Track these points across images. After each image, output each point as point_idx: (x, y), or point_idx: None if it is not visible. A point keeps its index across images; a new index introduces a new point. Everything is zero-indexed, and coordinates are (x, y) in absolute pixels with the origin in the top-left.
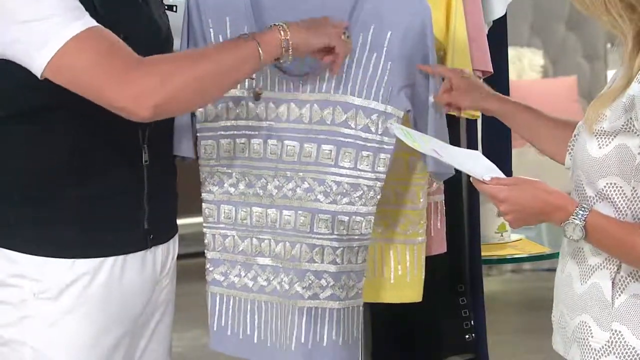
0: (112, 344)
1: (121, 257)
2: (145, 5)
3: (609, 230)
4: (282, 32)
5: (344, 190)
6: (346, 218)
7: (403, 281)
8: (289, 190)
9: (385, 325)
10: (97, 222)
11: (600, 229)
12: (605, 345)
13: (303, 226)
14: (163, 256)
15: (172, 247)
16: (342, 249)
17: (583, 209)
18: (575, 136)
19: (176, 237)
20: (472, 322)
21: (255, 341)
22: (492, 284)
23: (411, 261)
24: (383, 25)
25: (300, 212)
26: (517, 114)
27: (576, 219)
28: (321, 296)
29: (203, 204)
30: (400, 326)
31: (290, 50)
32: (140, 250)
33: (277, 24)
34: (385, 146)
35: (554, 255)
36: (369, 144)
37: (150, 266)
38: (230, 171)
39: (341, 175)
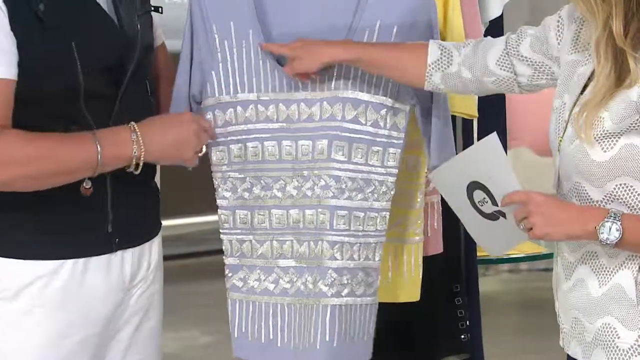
0: (75, 347)
1: (82, 260)
2: (105, 12)
3: None
4: (135, 147)
5: (359, 186)
6: (361, 214)
7: (400, 280)
8: (308, 189)
9: (381, 325)
10: (55, 225)
11: (636, 228)
12: (635, 345)
13: (323, 224)
14: (134, 260)
15: (148, 251)
16: (358, 244)
17: (617, 210)
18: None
19: (156, 240)
20: (467, 322)
21: (279, 345)
22: (489, 283)
23: (408, 261)
24: (389, 20)
25: (320, 209)
26: (370, 55)
27: (614, 219)
28: (343, 293)
29: (218, 210)
30: (396, 326)
31: (139, 164)
32: (104, 253)
33: (135, 130)
34: (394, 141)
35: (550, 255)
36: (378, 139)
37: (117, 270)
38: (243, 176)
39: (354, 171)
